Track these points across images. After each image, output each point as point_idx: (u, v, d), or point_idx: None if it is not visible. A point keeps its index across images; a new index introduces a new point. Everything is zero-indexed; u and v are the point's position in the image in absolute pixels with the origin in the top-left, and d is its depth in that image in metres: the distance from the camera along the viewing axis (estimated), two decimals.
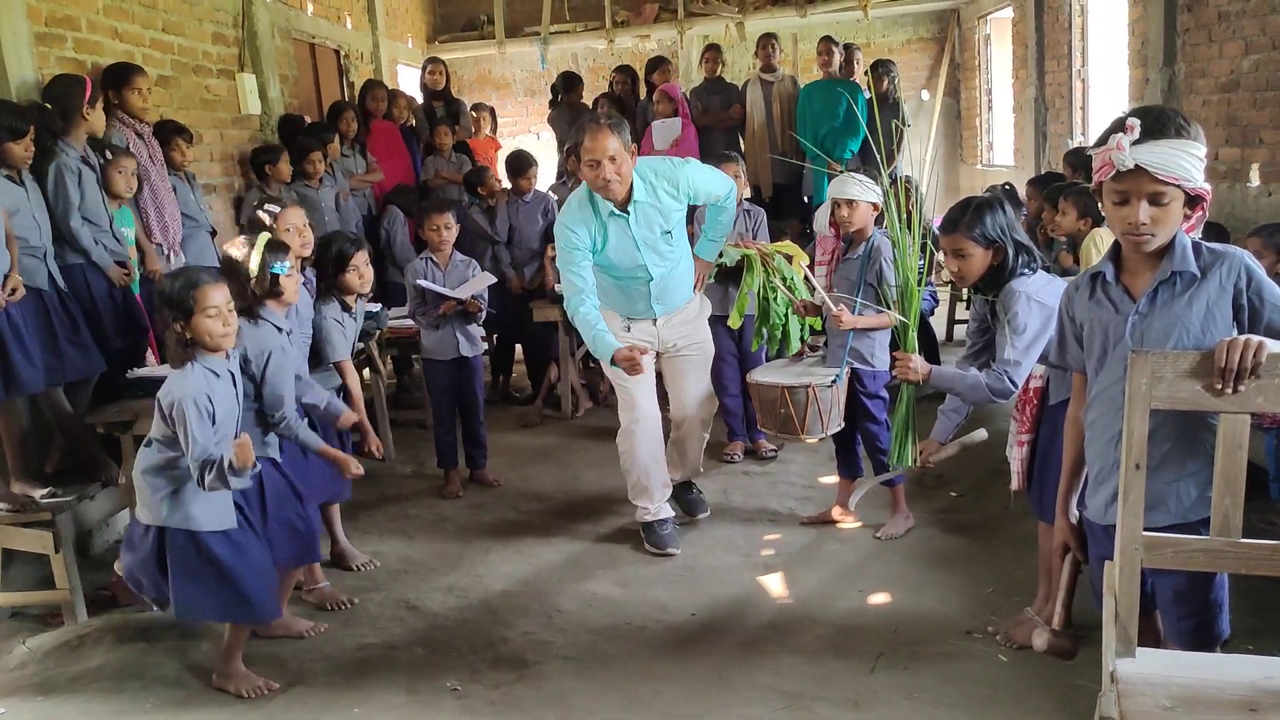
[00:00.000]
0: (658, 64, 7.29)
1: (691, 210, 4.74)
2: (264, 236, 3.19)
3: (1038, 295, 2.72)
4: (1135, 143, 1.85)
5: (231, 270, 3.09)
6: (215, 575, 2.84)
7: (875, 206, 3.65)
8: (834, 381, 3.59)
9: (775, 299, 4.27)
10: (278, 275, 3.14)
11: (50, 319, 3.60)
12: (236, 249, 3.17)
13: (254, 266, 3.10)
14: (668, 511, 3.92)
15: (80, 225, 3.79)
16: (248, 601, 2.88)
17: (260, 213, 3.62)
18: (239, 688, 2.98)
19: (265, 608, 2.95)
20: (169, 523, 2.82)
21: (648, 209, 3.62)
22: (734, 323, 4.44)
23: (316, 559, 3.42)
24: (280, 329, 3.17)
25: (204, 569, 2.84)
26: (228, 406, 2.82)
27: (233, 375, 2.90)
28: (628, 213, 3.60)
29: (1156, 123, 1.86)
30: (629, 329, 3.82)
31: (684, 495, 4.15)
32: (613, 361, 3.54)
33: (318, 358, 3.71)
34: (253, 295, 3.11)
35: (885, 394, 3.81)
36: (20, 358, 3.41)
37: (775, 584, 3.53)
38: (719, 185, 3.88)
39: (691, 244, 4.00)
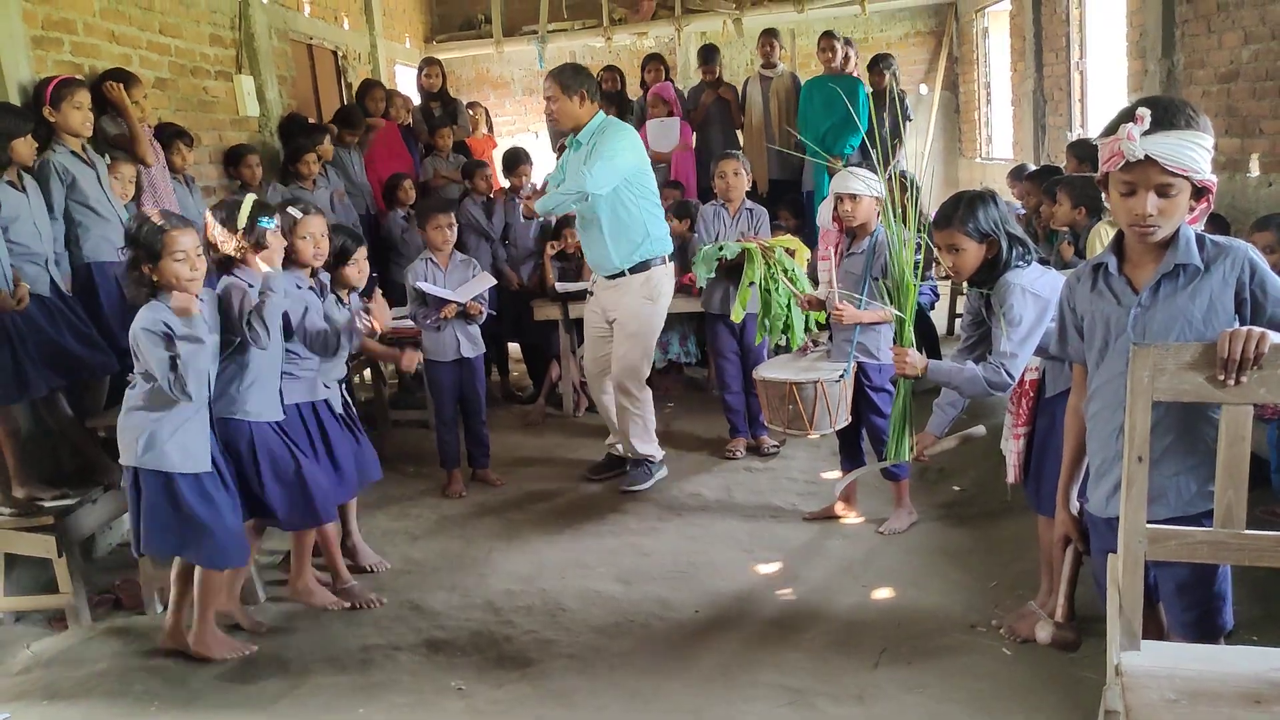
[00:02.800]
0: (650, 62, 7.23)
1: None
2: (250, 196, 3.22)
3: (1032, 287, 2.71)
4: (1146, 133, 1.83)
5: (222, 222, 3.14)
6: (180, 515, 2.95)
7: (878, 201, 3.66)
8: (842, 376, 3.59)
9: (776, 290, 4.26)
10: (265, 230, 3.16)
11: (56, 324, 3.61)
12: (220, 209, 3.20)
13: (242, 219, 3.13)
14: (618, 450, 4.61)
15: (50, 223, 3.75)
16: (206, 545, 2.99)
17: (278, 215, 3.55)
18: (218, 653, 3.11)
19: (226, 554, 3.05)
20: (143, 463, 2.93)
21: (576, 150, 4.22)
22: (736, 316, 4.46)
23: (318, 523, 3.41)
24: (252, 285, 3.16)
25: (170, 508, 2.94)
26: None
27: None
28: (569, 145, 4.29)
29: (1167, 113, 1.84)
30: (594, 287, 4.49)
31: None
32: None
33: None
34: (233, 253, 3.15)
35: (891, 388, 3.80)
36: (28, 362, 3.46)
37: (778, 580, 3.53)
38: (593, 177, 4.06)
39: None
